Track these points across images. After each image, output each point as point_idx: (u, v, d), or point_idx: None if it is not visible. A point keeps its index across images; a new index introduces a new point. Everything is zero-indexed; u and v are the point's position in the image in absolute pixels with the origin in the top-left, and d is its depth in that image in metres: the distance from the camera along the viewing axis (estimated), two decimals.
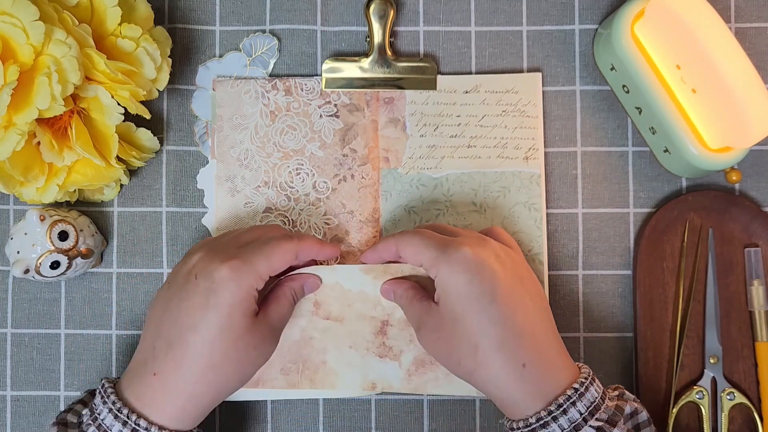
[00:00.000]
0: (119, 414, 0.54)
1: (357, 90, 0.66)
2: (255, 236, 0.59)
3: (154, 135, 0.64)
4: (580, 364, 0.57)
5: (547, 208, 0.66)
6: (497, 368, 0.54)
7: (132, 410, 0.54)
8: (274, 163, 0.66)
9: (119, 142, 0.61)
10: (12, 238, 0.62)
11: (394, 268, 0.62)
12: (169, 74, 0.62)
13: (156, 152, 0.66)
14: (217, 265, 0.54)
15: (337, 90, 0.66)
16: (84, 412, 0.56)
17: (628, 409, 0.55)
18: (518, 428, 0.54)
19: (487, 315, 0.53)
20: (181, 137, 0.67)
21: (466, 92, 0.66)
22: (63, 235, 0.62)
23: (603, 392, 0.55)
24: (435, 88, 0.66)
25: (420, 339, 0.58)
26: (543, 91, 0.67)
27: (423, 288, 0.60)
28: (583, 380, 0.54)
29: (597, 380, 0.55)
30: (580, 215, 0.66)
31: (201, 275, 0.54)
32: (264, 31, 0.67)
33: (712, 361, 0.65)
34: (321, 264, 0.64)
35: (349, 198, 0.66)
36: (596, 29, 0.67)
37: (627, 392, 0.57)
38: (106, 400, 0.55)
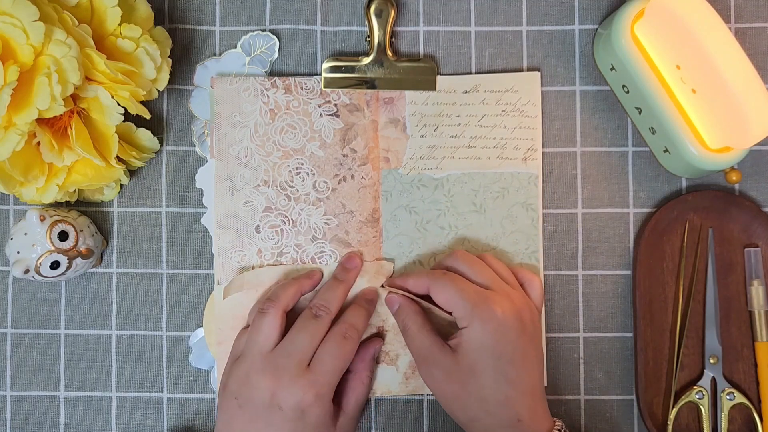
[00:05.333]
0: None
1: (357, 90, 0.66)
2: (275, 328, 0.60)
3: (154, 135, 0.64)
4: (556, 420, 0.59)
5: (546, 208, 0.66)
6: (498, 420, 0.57)
7: None
8: (274, 162, 0.66)
9: (119, 142, 0.60)
10: (12, 238, 0.62)
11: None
12: (169, 74, 0.62)
13: (156, 152, 0.66)
14: (300, 396, 0.57)
15: (336, 90, 0.66)
16: None
17: None
18: None
19: (503, 373, 0.57)
20: (181, 137, 0.67)
21: (466, 92, 0.66)
22: (63, 235, 0.62)
23: None
24: (435, 89, 0.66)
25: (424, 374, 0.60)
26: (543, 92, 0.67)
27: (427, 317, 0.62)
28: (558, 429, 0.58)
29: None
30: (579, 215, 0.67)
31: (287, 406, 0.57)
32: (263, 30, 0.67)
33: (711, 361, 0.65)
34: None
35: (349, 198, 0.66)
36: (596, 29, 0.67)
37: None
38: None
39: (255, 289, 0.64)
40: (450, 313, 0.59)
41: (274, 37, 0.67)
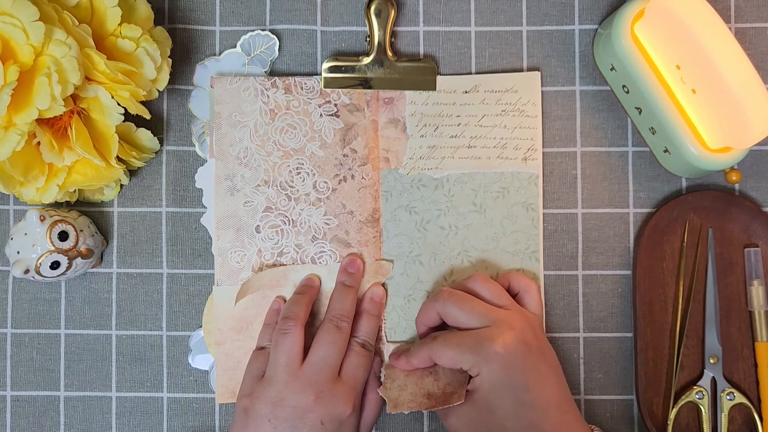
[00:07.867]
0: None
1: (357, 90, 0.66)
2: (295, 344, 0.60)
3: (154, 135, 0.64)
4: (593, 427, 0.59)
5: (546, 208, 0.66)
6: None
7: None
8: (274, 162, 0.66)
9: (119, 142, 0.61)
10: (12, 239, 0.62)
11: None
12: (169, 74, 0.62)
13: (156, 152, 0.66)
14: (342, 408, 0.59)
15: (336, 90, 0.66)
16: None
17: None
18: None
19: (519, 402, 0.57)
20: (181, 137, 0.67)
21: (466, 92, 0.66)
22: (63, 236, 0.62)
23: None
24: (435, 89, 0.66)
25: (449, 425, 0.60)
26: (543, 92, 0.67)
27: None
28: None
29: None
30: (579, 215, 0.67)
31: (328, 419, 0.58)
32: (263, 30, 0.67)
33: (711, 361, 0.65)
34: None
35: (350, 198, 0.66)
36: (596, 29, 0.67)
37: None
38: None
39: (255, 291, 0.65)
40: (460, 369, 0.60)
41: (274, 36, 0.67)
